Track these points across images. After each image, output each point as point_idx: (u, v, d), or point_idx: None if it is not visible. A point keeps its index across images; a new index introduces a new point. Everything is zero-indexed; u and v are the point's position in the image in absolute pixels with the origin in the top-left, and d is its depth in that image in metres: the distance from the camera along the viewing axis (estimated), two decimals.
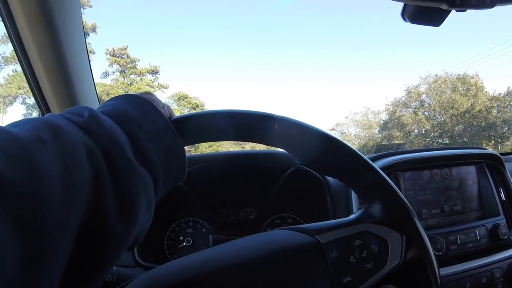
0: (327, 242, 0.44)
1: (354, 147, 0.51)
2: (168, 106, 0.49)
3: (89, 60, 1.03)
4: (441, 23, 0.66)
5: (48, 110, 0.98)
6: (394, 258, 0.46)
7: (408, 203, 0.49)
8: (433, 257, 0.47)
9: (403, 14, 0.66)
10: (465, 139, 19.47)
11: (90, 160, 0.30)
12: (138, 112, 0.40)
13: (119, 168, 0.33)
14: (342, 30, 40.46)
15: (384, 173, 0.51)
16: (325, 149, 0.48)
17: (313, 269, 0.42)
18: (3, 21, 0.80)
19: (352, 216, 0.49)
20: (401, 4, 0.63)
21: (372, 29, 39.77)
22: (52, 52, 0.84)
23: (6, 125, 0.30)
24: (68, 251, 0.28)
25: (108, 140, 0.33)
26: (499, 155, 1.04)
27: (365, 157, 0.49)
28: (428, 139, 21.20)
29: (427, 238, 0.48)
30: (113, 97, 0.43)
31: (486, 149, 1.08)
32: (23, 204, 0.24)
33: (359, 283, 0.43)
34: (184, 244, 1.03)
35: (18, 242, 0.22)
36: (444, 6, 0.58)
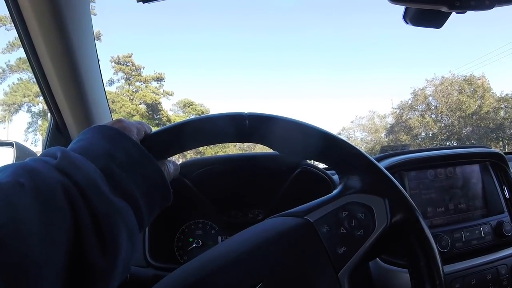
0: (317, 220, 0.47)
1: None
2: (142, 124, 0.48)
3: (100, 68, 1.05)
4: (442, 25, 0.68)
5: (60, 117, 1.00)
6: (381, 222, 0.48)
7: (383, 168, 0.52)
8: (418, 213, 0.49)
9: (405, 17, 0.67)
10: (473, 141, 19.33)
11: (67, 198, 0.31)
12: (110, 144, 0.40)
13: (95, 204, 0.33)
14: (345, 34, 40.42)
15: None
16: (295, 135, 0.50)
17: (309, 247, 0.45)
18: (18, 32, 0.83)
19: (334, 192, 0.52)
20: (403, 7, 0.65)
21: (376, 32, 39.69)
22: (65, 61, 0.86)
23: None
24: None
25: (81, 178, 0.34)
26: (502, 153, 1.05)
27: (335, 134, 0.52)
28: (435, 142, 21.08)
29: (409, 198, 0.50)
30: (85, 130, 0.43)
31: (489, 147, 1.09)
32: (4, 245, 0.25)
33: (354, 251, 0.46)
34: (194, 245, 1.05)
35: (1, 283, 0.24)
36: (444, 9, 0.60)
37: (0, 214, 0.26)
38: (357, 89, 40.31)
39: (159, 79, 24.08)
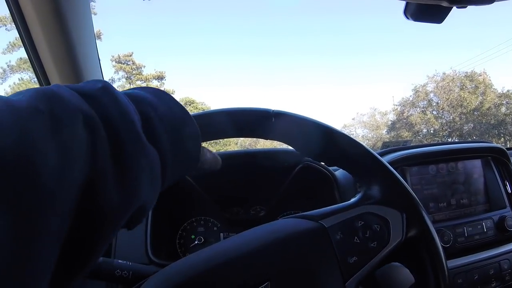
0: (331, 226, 0.46)
1: None
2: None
3: (101, 67, 1.05)
4: (443, 19, 0.68)
5: None
6: (396, 236, 0.48)
7: (405, 182, 0.51)
8: (433, 232, 0.49)
9: (405, 12, 0.67)
10: (474, 137, 19.29)
11: (89, 130, 0.29)
12: (155, 98, 0.38)
13: (124, 140, 0.31)
14: (346, 31, 40.37)
15: None
16: (321, 138, 0.50)
17: (320, 253, 0.44)
18: (18, 32, 0.82)
19: (353, 200, 0.51)
20: (403, 3, 0.65)
21: (377, 29, 39.62)
22: (66, 60, 0.86)
23: (10, 95, 0.28)
24: (63, 226, 0.26)
25: (116, 111, 0.32)
26: (504, 148, 1.05)
27: (360, 143, 0.51)
28: (437, 138, 21.04)
29: (426, 214, 0.50)
30: (130, 88, 0.41)
31: (491, 142, 1.09)
32: (13, 175, 0.23)
33: (365, 262, 0.45)
34: (196, 242, 1.05)
35: (7, 216, 0.22)
36: (445, 3, 0.60)
37: (11, 139, 0.23)
38: (358, 85, 40.27)
39: (160, 77, 24.08)
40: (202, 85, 40.04)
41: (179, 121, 0.39)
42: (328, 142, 0.50)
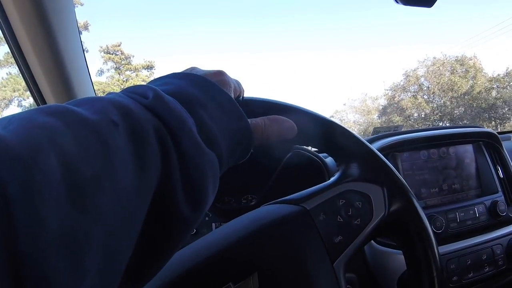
0: (313, 208, 0.45)
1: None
2: (239, 84, 0.45)
3: (85, 58, 1.03)
4: (433, 3, 0.67)
5: None
6: (379, 210, 0.47)
7: (382, 156, 0.51)
8: (415, 202, 0.48)
9: None
10: (465, 121, 19.46)
11: (160, 142, 0.29)
12: (201, 93, 0.37)
13: (187, 150, 0.31)
14: (336, 16, 40.33)
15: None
16: (294, 121, 0.48)
17: (305, 236, 0.44)
18: None
19: (332, 179, 0.50)
20: None
21: (367, 13, 39.61)
22: (49, 51, 0.84)
23: (67, 103, 0.27)
24: (135, 238, 0.27)
25: (175, 122, 0.31)
26: (495, 133, 1.05)
27: (331, 120, 0.51)
28: (428, 123, 21.19)
29: (407, 187, 0.49)
30: (169, 75, 0.39)
31: (482, 127, 1.09)
32: (96, 190, 0.22)
33: (351, 240, 0.45)
34: None
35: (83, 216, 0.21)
36: None
37: (90, 155, 0.23)
38: (349, 71, 40.35)
39: (149, 67, 23.92)
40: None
41: (229, 115, 0.38)
42: (302, 124, 0.48)
